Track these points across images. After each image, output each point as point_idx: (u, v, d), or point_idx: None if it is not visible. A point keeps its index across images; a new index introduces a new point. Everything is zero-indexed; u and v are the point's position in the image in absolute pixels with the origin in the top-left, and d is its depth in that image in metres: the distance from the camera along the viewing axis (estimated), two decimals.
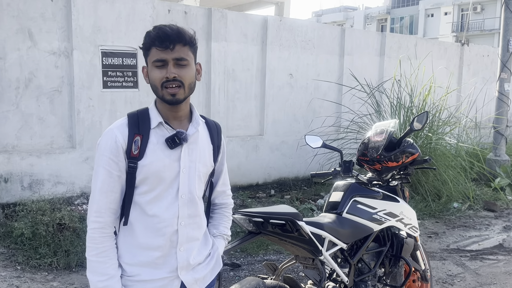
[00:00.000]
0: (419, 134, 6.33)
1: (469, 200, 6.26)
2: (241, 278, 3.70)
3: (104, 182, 1.47)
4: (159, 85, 1.48)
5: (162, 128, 1.52)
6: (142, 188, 1.50)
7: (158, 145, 1.50)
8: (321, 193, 6.39)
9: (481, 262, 4.41)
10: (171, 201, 1.52)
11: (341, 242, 2.50)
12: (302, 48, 7.16)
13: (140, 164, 1.48)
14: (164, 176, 1.50)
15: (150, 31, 1.50)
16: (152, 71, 1.49)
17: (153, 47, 1.48)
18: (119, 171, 1.48)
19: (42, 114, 5.14)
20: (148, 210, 1.50)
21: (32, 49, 5.01)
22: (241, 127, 6.77)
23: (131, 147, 1.47)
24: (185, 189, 1.54)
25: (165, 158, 1.51)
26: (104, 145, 1.49)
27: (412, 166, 2.87)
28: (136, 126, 1.50)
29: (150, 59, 1.49)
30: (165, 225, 1.51)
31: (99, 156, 1.49)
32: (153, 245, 1.51)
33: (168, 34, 1.46)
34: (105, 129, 1.51)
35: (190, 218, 1.57)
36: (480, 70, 10.14)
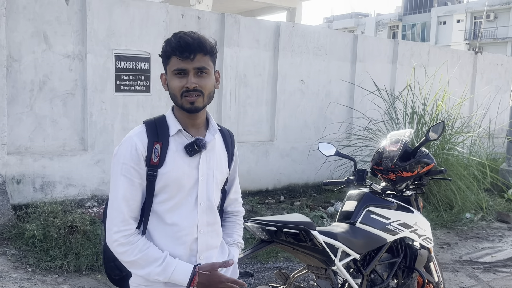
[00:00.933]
0: (432, 143, 6.27)
1: (481, 211, 6.17)
2: (252, 286, 3.68)
3: (127, 191, 1.46)
4: (178, 94, 1.48)
5: (181, 136, 1.52)
6: (162, 196, 1.49)
7: (178, 153, 1.50)
8: (331, 201, 6.35)
9: (494, 274, 4.34)
10: (191, 209, 1.52)
11: (354, 252, 2.47)
12: (314, 54, 7.15)
13: (160, 172, 1.47)
14: (184, 183, 1.50)
15: (171, 39, 1.48)
16: (172, 80, 1.48)
17: (173, 56, 1.46)
18: (140, 179, 1.47)
19: (55, 117, 5.18)
20: (167, 219, 1.50)
21: (47, 52, 5.06)
22: (252, 133, 6.76)
23: (151, 155, 1.47)
24: (204, 197, 1.54)
25: (185, 166, 1.50)
26: (124, 153, 1.47)
27: (427, 176, 2.83)
28: (155, 134, 1.49)
29: (170, 67, 1.48)
30: (185, 234, 1.50)
31: (118, 164, 1.47)
32: (173, 255, 1.49)
33: (189, 43, 1.44)
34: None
35: (209, 226, 1.56)
36: (494, 79, 10.03)
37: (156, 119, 1.55)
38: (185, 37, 1.45)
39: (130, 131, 1.53)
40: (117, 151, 1.50)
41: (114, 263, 1.59)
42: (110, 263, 1.61)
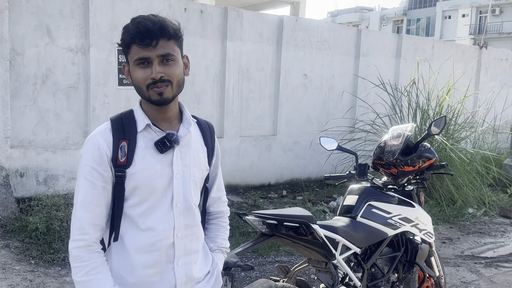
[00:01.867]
0: (435, 138, 6.25)
1: (484, 206, 6.16)
2: (252, 279, 3.70)
3: (87, 195, 1.32)
4: (144, 86, 1.33)
5: (150, 131, 1.38)
6: (133, 199, 1.35)
7: (147, 150, 1.36)
8: (334, 195, 6.35)
9: (496, 269, 4.34)
10: (166, 211, 1.37)
11: (355, 246, 2.48)
12: (317, 48, 7.12)
13: (129, 172, 1.33)
14: (156, 184, 1.36)
15: (129, 25, 1.32)
16: (135, 71, 1.33)
17: (133, 44, 1.31)
18: (104, 182, 1.32)
19: (58, 110, 5.19)
20: (140, 223, 1.36)
21: (50, 46, 5.06)
22: (254, 127, 6.76)
23: (117, 154, 1.32)
24: (180, 197, 1.39)
25: (156, 164, 1.36)
26: (86, 154, 1.33)
27: (429, 171, 2.83)
28: (121, 130, 1.35)
29: (131, 57, 1.33)
30: (160, 239, 1.36)
31: (81, 166, 1.33)
32: (147, 262, 1.36)
33: (150, 28, 1.29)
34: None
35: (187, 228, 1.42)
36: (498, 74, 9.97)
37: (123, 115, 1.40)
38: (144, 21, 1.30)
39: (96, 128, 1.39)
40: (81, 151, 1.36)
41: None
42: None
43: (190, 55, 5.95)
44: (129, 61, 1.35)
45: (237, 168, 6.52)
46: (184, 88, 4.89)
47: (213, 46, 6.18)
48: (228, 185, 6.49)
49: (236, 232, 4.70)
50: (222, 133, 6.40)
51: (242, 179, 6.59)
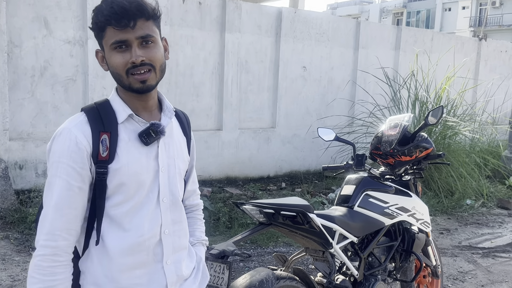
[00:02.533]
0: (433, 129, 6.26)
1: (482, 197, 6.18)
2: (250, 269, 3.72)
3: (62, 197, 1.17)
4: (123, 73, 1.21)
5: (132, 122, 1.26)
6: (117, 197, 1.23)
7: (131, 143, 1.24)
8: (332, 187, 6.37)
9: (493, 259, 4.37)
10: (153, 208, 1.27)
11: (352, 235, 2.49)
12: (316, 40, 7.11)
13: (112, 168, 1.20)
14: (143, 179, 1.24)
15: (102, 5, 1.19)
16: (112, 56, 1.20)
17: (108, 27, 1.18)
18: (81, 182, 1.19)
19: (56, 102, 5.19)
20: (125, 223, 1.23)
21: (47, 38, 5.05)
22: (253, 119, 6.76)
23: (98, 148, 1.19)
24: (166, 191, 1.30)
25: (142, 157, 1.24)
26: (60, 150, 1.18)
27: (426, 161, 2.83)
28: (100, 122, 1.21)
29: (106, 41, 1.20)
30: (147, 238, 1.25)
31: (53, 163, 1.19)
32: (134, 263, 1.25)
33: (126, 8, 1.16)
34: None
35: (175, 224, 1.32)
36: (498, 66, 9.95)
37: (98, 105, 1.27)
38: (119, 1, 1.17)
39: (64, 122, 1.24)
40: (51, 147, 1.21)
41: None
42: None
43: (189, 47, 5.96)
44: (104, 46, 1.22)
45: (236, 161, 6.53)
46: (183, 80, 5.03)
47: (211, 38, 6.16)
48: (227, 177, 6.53)
49: (235, 223, 4.72)
50: (221, 126, 6.40)
51: (241, 171, 6.60)
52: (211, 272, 2.04)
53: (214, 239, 4.36)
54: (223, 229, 4.64)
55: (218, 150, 6.37)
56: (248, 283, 2.11)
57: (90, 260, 1.25)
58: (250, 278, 2.14)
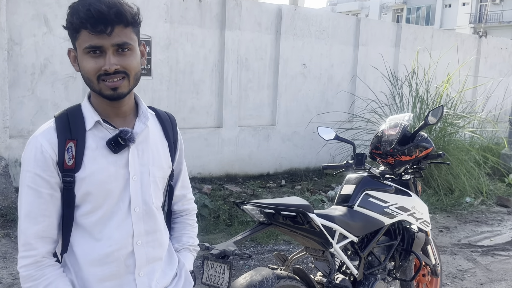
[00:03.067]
0: (434, 127, 6.26)
1: (482, 195, 6.20)
2: (251, 268, 3.74)
3: (33, 205, 1.15)
4: (94, 78, 1.16)
5: (100, 129, 1.21)
6: (85, 207, 1.20)
7: (98, 151, 1.20)
8: (332, 185, 6.39)
9: (492, 257, 4.38)
10: (123, 218, 1.22)
11: (352, 235, 2.50)
12: (316, 38, 7.10)
13: (78, 177, 1.17)
14: (111, 188, 1.20)
15: (78, 6, 1.13)
16: (85, 60, 1.15)
17: (83, 30, 1.13)
18: (51, 189, 1.16)
19: (57, 100, 5.19)
20: (95, 233, 1.21)
21: (47, 35, 5.05)
22: (253, 117, 6.76)
23: (63, 156, 1.16)
24: (139, 200, 1.24)
25: (110, 166, 1.20)
26: (27, 159, 1.16)
27: (426, 160, 2.84)
28: (67, 129, 1.18)
29: (80, 43, 1.15)
30: (117, 248, 1.21)
31: (22, 172, 1.17)
32: (103, 275, 1.21)
33: (104, 13, 1.11)
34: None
35: (149, 235, 1.27)
36: (498, 63, 9.95)
37: (69, 111, 1.22)
38: (97, 4, 1.11)
39: (38, 128, 1.22)
40: (23, 155, 1.19)
41: None
42: None
43: (189, 44, 5.96)
44: (77, 48, 1.17)
45: (236, 158, 6.54)
46: (183, 78, 5.02)
47: (211, 36, 6.15)
48: (227, 175, 6.54)
49: (235, 221, 4.73)
50: (221, 123, 6.41)
51: (241, 168, 6.61)
52: (211, 272, 2.05)
53: (214, 237, 4.38)
54: (223, 227, 4.65)
55: (218, 148, 6.38)
56: (249, 282, 2.12)
57: (66, 267, 1.24)
58: (250, 277, 2.15)
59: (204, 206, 4.81)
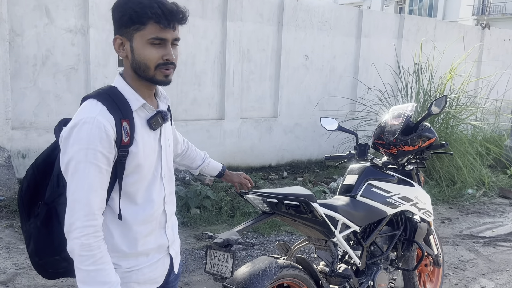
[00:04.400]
0: (436, 118, 6.25)
1: (484, 187, 6.19)
2: (254, 258, 3.75)
3: (95, 180, 1.28)
4: (153, 66, 1.33)
5: (142, 109, 1.39)
6: (133, 177, 1.38)
7: (143, 128, 1.39)
8: (334, 176, 6.39)
9: (494, 248, 4.39)
10: (158, 183, 1.46)
11: (354, 224, 2.50)
12: (318, 29, 7.06)
13: (131, 151, 1.34)
14: (152, 159, 1.42)
15: (152, 3, 1.29)
16: (147, 49, 1.31)
17: (152, 23, 1.29)
18: (108, 165, 1.31)
19: (58, 92, 5.19)
20: (138, 198, 1.40)
21: (49, 26, 5.03)
22: (255, 109, 6.75)
23: (121, 134, 1.31)
24: (166, 168, 1.49)
25: (151, 141, 1.42)
26: (88, 137, 1.27)
27: (429, 150, 2.83)
28: (117, 110, 1.32)
29: (144, 34, 1.30)
30: (156, 209, 1.45)
31: (80, 150, 1.27)
32: (147, 231, 1.44)
33: (174, 12, 1.31)
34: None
35: (171, 194, 1.54)
36: (501, 54, 9.89)
37: (109, 93, 1.35)
38: (168, 4, 1.31)
39: (82, 111, 1.31)
40: (77, 135, 1.28)
41: (60, 256, 1.41)
42: (55, 256, 1.43)
43: (190, 35, 5.93)
44: (136, 37, 1.31)
45: (237, 150, 6.54)
46: (184, 69, 5.04)
47: (213, 27, 6.13)
48: (229, 167, 6.52)
49: (237, 212, 4.75)
50: (222, 115, 6.40)
51: (243, 160, 6.62)
52: (214, 261, 2.06)
53: (217, 227, 4.39)
54: (226, 218, 4.67)
55: (219, 140, 6.38)
56: (252, 271, 2.13)
57: (108, 232, 1.38)
58: (253, 266, 2.16)
59: (207, 198, 4.82)
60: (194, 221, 4.51)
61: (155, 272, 1.50)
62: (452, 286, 3.56)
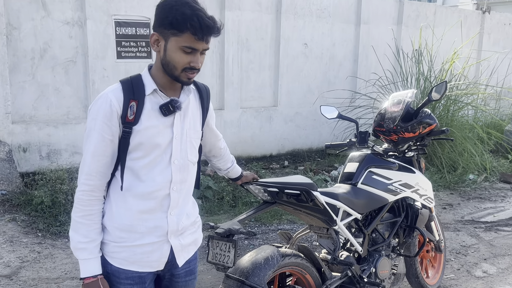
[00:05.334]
0: (437, 104, 6.23)
1: (485, 172, 6.20)
2: (256, 247, 3.77)
3: (97, 146, 1.47)
4: (180, 68, 1.48)
5: (156, 95, 1.53)
6: (136, 153, 1.51)
7: (153, 112, 1.51)
8: (335, 165, 6.39)
9: (496, 233, 4.40)
10: (165, 166, 1.55)
11: (356, 212, 2.51)
12: (317, 16, 7.01)
13: (135, 129, 1.48)
14: (158, 141, 1.52)
15: (193, 17, 1.42)
16: (178, 53, 1.46)
17: (189, 32, 1.43)
18: (112, 136, 1.48)
19: (57, 85, 5.17)
20: (142, 175, 1.52)
21: (46, 19, 5.00)
22: (255, 98, 6.73)
23: (127, 112, 1.47)
24: (178, 155, 1.57)
25: (159, 125, 1.52)
26: (97, 109, 1.48)
27: (429, 137, 2.83)
28: (131, 92, 1.50)
29: (179, 41, 1.45)
30: (157, 189, 1.54)
31: (92, 120, 1.48)
32: (143, 208, 1.53)
33: (210, 28, 1.44)
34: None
35: (182, 183, 1.60)
36: (501, 39, 9.83)
37: (132, 78, 1.54)
38: (206, 20, 1.44)
39: (106, 89, 1.53)
40: (91, 107, 1.50)
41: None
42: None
43: None
44: (171, 41, 1.45)
45: (238, 140, 6.54)
46: None
47: None
48: None
49: (239, 202, 4.76)
50: (222, 105, 6.38)
51: (243, 150, 6.62)
52: (217, 251, 2.07)
53: (219, 217, 4.41)
54: (227, 207, 4.68)
55: (220, 130, 6.26)
56: (254, 260, 2.14)
57: (109, 202, 1.55)
58: (255, 255, 2.17)
59: (208, 188, 4.83)
60: None
61: (150, 256, 1.56)
62: (454, 271, 3.58)
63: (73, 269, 3.40)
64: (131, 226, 1.53)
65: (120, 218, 1.53)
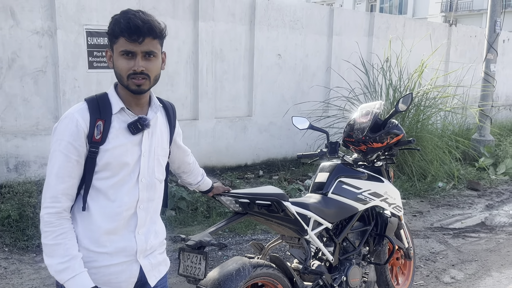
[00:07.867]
0: (407, 114, 6.39)
1: (453, 180, 6.37)
2: (229, 257, 3.76)
3: (61, 167, 1.44)
4: (125, 75, 1.48)
5: (123, 114, 1.53)
6: (104, 173, 1.49)
7: (120, 130, 1.51)
8: (309, 174, 6.45)
9: (463, 239, 4.53)
10: (133, 185, 1.53)
11: (326, 221, 2.55)
12: (290, 28, 7.11)
13: (102, 148, 1.47)
14: (127, 160, 1.51)
15: (119, 19, 1.44)
16: (119, 60, 1.47)
17: (121, 37, 1.44)
18: (78, 156, 1.45)
19: (26, 95, 5.06)
20: (110, 195, 1.50)
21: (14, 28, 4.90)
22: (230, 108, 6.75)
23: (93, 131, 1.46)
24: (145, 173, 1.56)
25: (128, 143, 1.52)
26: (63, 129, 1.45)
27: (397, 147, 2.91)
28: (97, 111, 1.48)
29: (117, 47, 1.47)
30: (124, 209, 1.52)
31: (56, 140, 1.46)
32: (110, 229, 1.50)
33: (139, 27, 1.43)
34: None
35: (149, 201, 1.59)
36: (468, 50, 10.18)
37: (98, 96, 1.53)
38: (135, 19, 1.43)
39: (70, 108, 1.50)
40: (57, 127, 1.47)
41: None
42: None
43: None
44: (114, 50, 1.48)
45: (213, 150, 6.53)
46: None
47: (184, 27, 6.09)
48: (204, 167, 6.48)
49: (213, 212, 4.74)
50: (197, 115, 6.37)
51: (218, 160, 6.61)
52: (188, 263, 2.06)
53: (192, 229, 4.38)
54: (201, 218, 4.66)
55: (194, 140, 6.35)
56: (225, 272, 2.14)
57: (75, 222, 1.51)
58: (226, 267, 2.17)
59: (182, 199, 4.80)
60: (169, 223, 4.48)
61: (119, 276, 1.54)
62: (423, 277, 3.66)
63: (41, 284, 3.31)
64: (98, 247, 1.50)
65: (87, 238, 1.49)
